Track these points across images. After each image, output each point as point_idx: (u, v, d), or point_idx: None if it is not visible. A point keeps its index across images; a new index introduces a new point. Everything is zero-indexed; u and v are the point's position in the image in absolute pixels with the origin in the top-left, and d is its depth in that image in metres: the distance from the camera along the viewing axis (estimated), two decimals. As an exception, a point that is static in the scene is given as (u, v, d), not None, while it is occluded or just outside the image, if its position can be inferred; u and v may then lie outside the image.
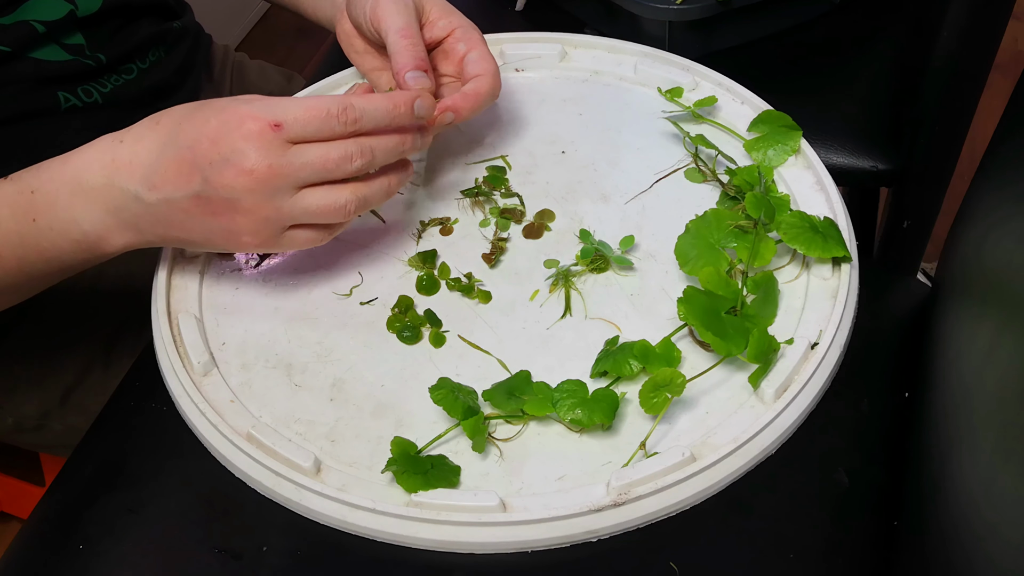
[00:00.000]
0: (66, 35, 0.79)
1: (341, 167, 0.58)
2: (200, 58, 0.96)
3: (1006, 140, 0.66)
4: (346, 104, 0.57)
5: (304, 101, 0.57)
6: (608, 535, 0.55)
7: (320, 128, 0.57)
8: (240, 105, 0.57)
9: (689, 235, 0.65)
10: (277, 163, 0.56)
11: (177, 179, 0.57)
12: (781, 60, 0.94)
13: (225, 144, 0.56)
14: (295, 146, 0.57)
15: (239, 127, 0.56)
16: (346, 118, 0.57)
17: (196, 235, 0.60)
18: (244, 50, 1.07)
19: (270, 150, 0.56)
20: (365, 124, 0.58)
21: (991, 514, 0.45)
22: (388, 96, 0.60)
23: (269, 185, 0.56)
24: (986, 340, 0.54)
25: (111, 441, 0.65)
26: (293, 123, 0.56)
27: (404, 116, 0.60)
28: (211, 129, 0.56)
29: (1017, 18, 0.96)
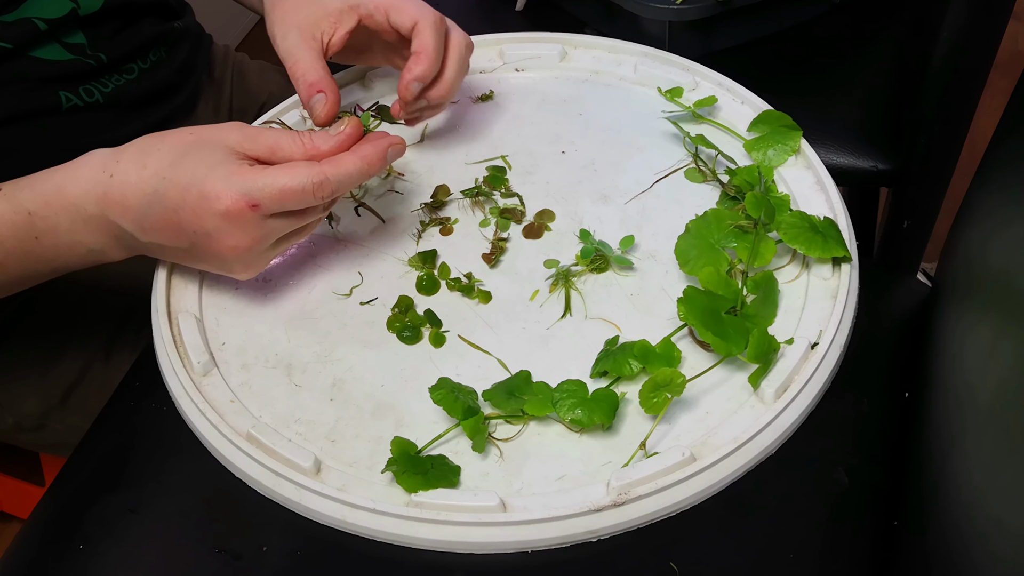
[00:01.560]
0: (67, 34, 0.79)
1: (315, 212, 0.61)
2: (201, 58, 0.96)
3: (1006, 140, 0.66)
4: (322, 179, 0.58)
5: (280, 178, 0.57)
6: (608, 535, 0.55)
7: (297, 204, 0.58)
8: (216, 180, 0.57)
9: (689, 235, 0.65)
10: (258, 235, 0.59)
11: (165, 234, 0.60)
12: (781, 60, 0.94)
13: (207, 220, 0.58)
14: (274, 217, 0.59)
15: (218, 204, 0.57)
16: (322, 193, 0.58)
17: (192, 266, 0.64)
18: (244, 50, 1.07)
19: (249, 227, 0.58)
20: (341, 193, 0.60)
21: (991, 514, 0.45)
22: (360, 158, 0.60)
23: (251, 252, 0.60)
24: (986, 340, 0.54)
25: (111, 441, 0.65)
26: (270, 203, 0.57)
27: (377, 170, 0.61)
28: (192, 201, 0.57)
29: (1017, 18, 0.96)
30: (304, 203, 0.58)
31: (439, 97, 0.70)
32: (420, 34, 0.68)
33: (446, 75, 0.70)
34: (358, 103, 0.79)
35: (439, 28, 0.68)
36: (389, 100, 0.80)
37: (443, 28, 0.69)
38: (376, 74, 0.81)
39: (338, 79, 0.81)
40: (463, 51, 0.71)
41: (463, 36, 0.71)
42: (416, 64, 0.68)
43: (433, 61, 0.68)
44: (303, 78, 0.68)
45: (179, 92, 0.91)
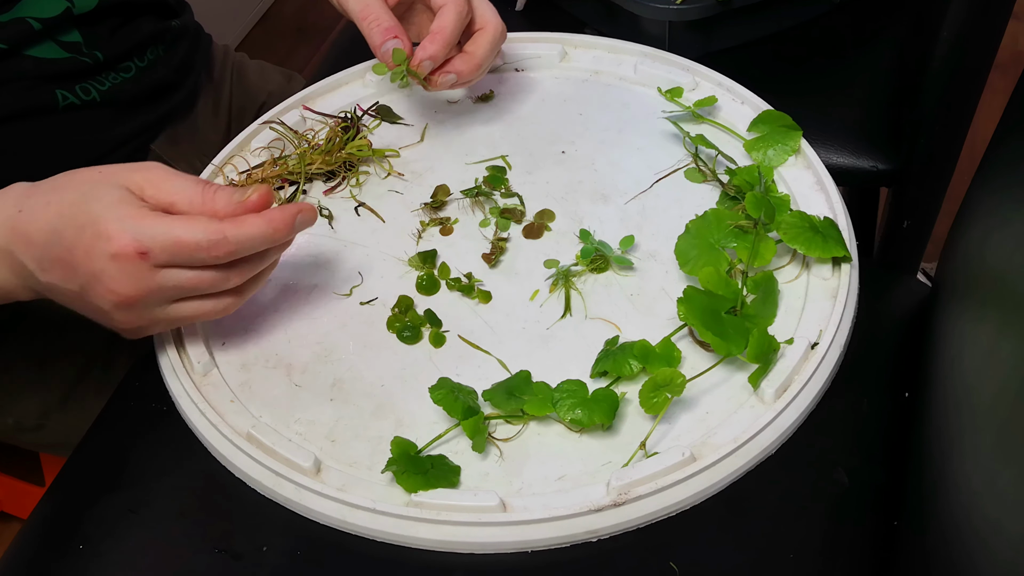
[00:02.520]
0: (63, 32, 0.79)
1: (217, 287, 0.57)
2: (199, 57, 0.96)
3: (1006, 140, 0.66)
4: (219, 238, 0.54)
5: (175, 228, 0.54)
6: (608, 535, 0.55)
7: (189, 260, 0.55)
8: (111, 220, 0.54)
9: (689, 235, 0.65)
10: (144, 287, 0.55)
11: (60, 274, 0.57)
12: (781, 60, 0.94)
13: (96, 261, 0.55)
14: (165, 270, 0.55)
15: (107, 247, 0.54)
16: (218, 252, 0.55)
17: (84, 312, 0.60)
18: (244, 50, 1.07)
19: (137, 276, 0.55)
20: (241, 254, 0.56)
21: (991, 514, 0.45)
22: (266, 221, 0.56)
23: (137, 305, 0.56)
24: (986, 340, 0.54)
25: (111, 441, 0.65)
26: (160, 253, 0.54)
27: (284, 236, 0.57)
28: (86, 241, 0.55)
29: (1017, 18, 0.96)
30: (197, 259, 0.55)
31: (468, 73, 0.71)
32: (442, 15, 0.69)
33: (476, 54, 0.71)
34: (358, 103, 0.79)
35: (461, 12, 0.69)
36: (389, 100, 0.81)
37: (465, 12, 0.70)
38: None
39: (338, 79, 0.81)
40: (497, 34, 0.72)
41: (498, 21, 0.72)
42: (431, 43, 0.68)
43: (447, 42, 0.69)
44: (377, 24, 0.68)
45: (178, 91, 0.91)
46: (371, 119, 0.79)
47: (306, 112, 0.78)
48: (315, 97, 0.80)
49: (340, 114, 0.78)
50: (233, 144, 0.76)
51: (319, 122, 0.78)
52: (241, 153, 0.76)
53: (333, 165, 0.74)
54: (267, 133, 0.77)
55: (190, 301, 0.58)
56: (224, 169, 0.75)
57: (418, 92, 0.81)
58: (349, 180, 0.75)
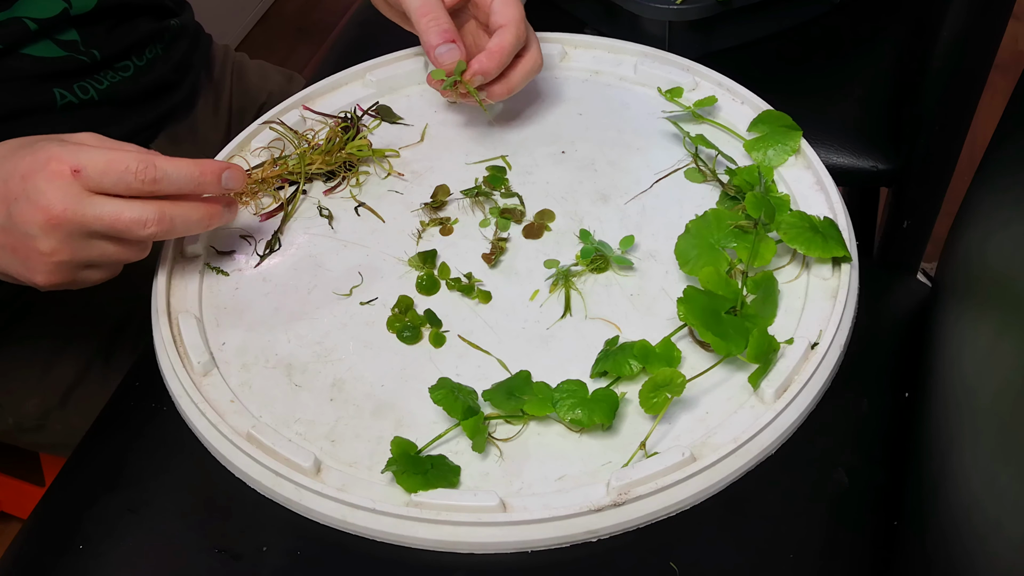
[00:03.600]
0: (60, 31, 0.79)
1: (132, 229, 0.58)
2: (199, 57, 0.96)
3: (1006, 140, 0.66)
4: (148, 163, 0.57)
5: (109, 153, 0.57)
6: (608, 535, 0.55)
7: (117, 181, 0.57)
8: (52, 145, 0.57)
9: (689, 235, 0.65)
10: (71, 207, 0.57)
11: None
12: (781, 60, 0.94)
13: (31, 182, 0.57)
14: (94, 196, 0.57)
15: (45, 167, 0.57)
16: (144, 176, 0.57)
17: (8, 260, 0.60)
18: (244, 50, 1.07)
19: (67, 194, 0.57)
20: (164, 187, 0.58)
21: (991, 514, 0.45)
22: (196, 163, 0.60)
23: (61, 228, 0.57)
24: (986, 340, 0.54)
25: (111, 441, 0.65)
26: (92, 172, 0.57)
27: (209, 185, 0.60)
28: (24, 166, 0.57)
29: (1017, 18, 0.96)
30: (126, 181, 0.57)
31: (498, 95, 0.71)
32: (502, 35, 0.69)
33: (512, 78, 0.71)
34: (358, 103, 0.79)
35: (520, 37, 0.70)
36: (389, 100, 0.81)
37: (522, 38, 0.70)
38: (376, 74, 0.81)
39: (338, 79, 0.81)
40: (535, 65, 0.72)
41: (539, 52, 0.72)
42: (488, 60, 0.69)
43: (501, 63, 0.69)
44: (436, 24, 0.68)
45: (177, 90, 0.91)
46: (371, 119, 0.79)
47: (306, 112, 0.78)
48: (315, 97, 0.80)
49: (340, 114, 0.78)
50: (233, 144, 0.76)
51: (319, 122, 0.78)
52: (241, 153, 0.77)
53: (333, 165, 0.74)
54: (267, 133, 0.77)
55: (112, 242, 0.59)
56: (224, 169, 0.75)
57: (418, 92, 0.81)
58: (349, 180, 0.75)
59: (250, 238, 0.71)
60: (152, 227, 0.59)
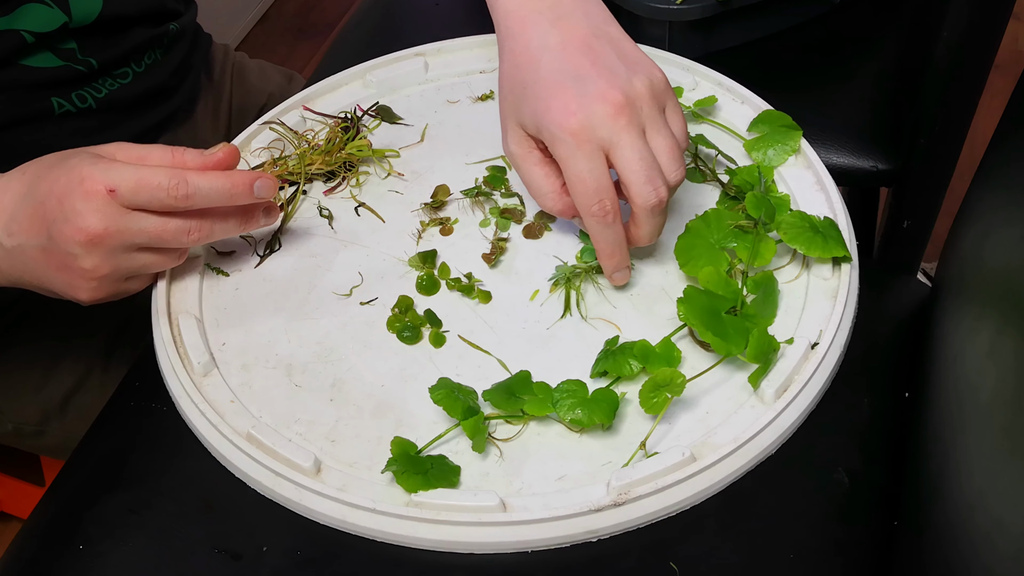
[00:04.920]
0: (59, 41, 0.79)
1: (178, 240, 0.60)
2: (198, 58, 0.95)
3: (1006, 140, 0.66)
4: (179, 179, 0.58)
5: (141, 170, 0.58)
6: (608, 535, 0.55)
7: (150, 199, 0.58)
8: (85, 164, 0.58)
9: (689, 235, 0.65)
10: (113, 225, 0.58)
11: (29, 229, 0.59)
12: (781, 60, 0.94)
13: (68, 203, 0.58)
14: (135, 212, 0.58)
15: (80, 187, 0.57)
16: (177, 193, 0.58)
17: (44, 282, 0.62)
18: (244, 50, 1.07)
19: (106, 213, 0.57)
20: (197, 202, 0.59)
21: (991, 514, 0.45)
22: (227, 176, 0.60)
23: (104, 245, 0.58)
24: (986, 340, 0.54)
25: (111, 441, 0.65)
26: (127, 191, 0.57)
27: (242, 196, 0.61)
28: (60, 187, 0.58)
29: (1017, 18, 0.96)
30: (159, 198, 0.58)
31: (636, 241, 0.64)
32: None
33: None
34: (358, 103, 0.79)
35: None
36: (389, 100, 0.81)
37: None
38: (376, 74, 0.81)
39: (338, 79, 0.81)
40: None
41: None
42: (636, 230, 0.63)
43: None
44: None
45: (176, 94, 0.91)
46: (371, 119, 0.79)
47: (306, 112, 0.78)
48: (315, 97, 0.80)
49: (340, 114, 0.78)
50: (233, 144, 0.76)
51: (319, 122, 0.78)
52: (241, 153, 0.76)
53: (333, 165, 0.74)
54: (267, 133, 0.77)
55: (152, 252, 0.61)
56: (224, 169, 0.75)
57: (418, 92, 0.81)
58: (349, 180, 0.75)
59: (250, 238, 0.71)
60: (195, 234, 0.60)
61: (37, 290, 0.64)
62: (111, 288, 0.62)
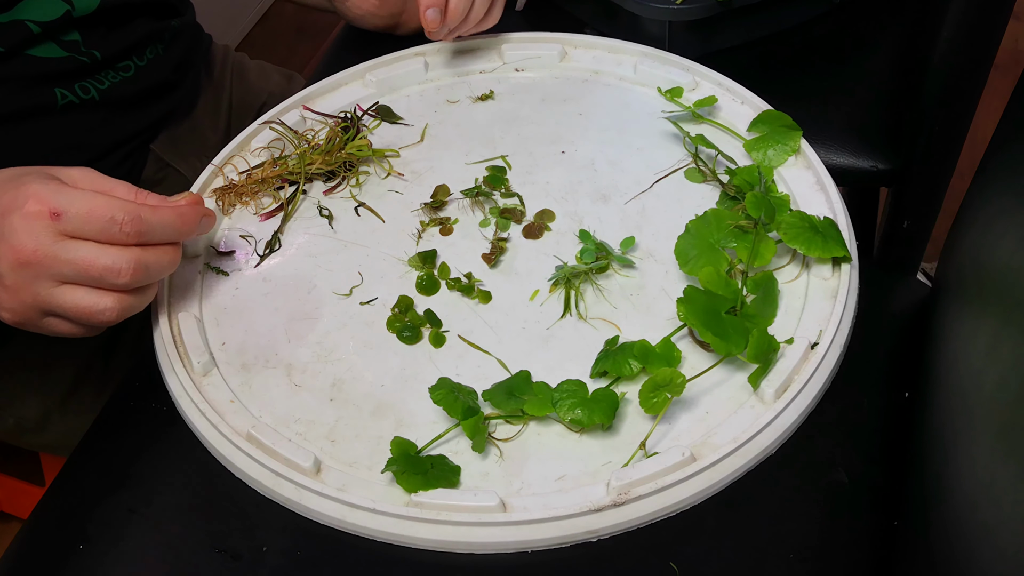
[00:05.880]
0: (63, 32, 0.79)
1: (106, 279, 0.56)
2: (199, 57, 0.96)
3: (1006, 141, 0.66)
4: (134, 215, 0.56)
5: (96, 199, 0.56)
6: (608, 535, 0.55)
7: (100, 231, 0.56)
8: (38, 184, 0.56)
9: (689, 235, 0.65)
10: (42, 250, 0.55)
11: None
12: (781, 60, 0.94)
13: (7, 220, 0.56)
14: (69, 240, 0.56)
15: (23, 206, 0.55)
16: (130, 229, 0.56)
17: None
18: (244, 50, 1.07)
19: (40, 235, 0.55)
20: (148, 238, 0.57)
21: (991, 514, 0.45)
22: (177, 213, 0.59)
23: (29, 269, 0.56)
24: (986, 340, 0.54)
25: (111, 441, 0.65)
26: (73, 217, 0.55)
27: (188, 233, 0.59)
28: (4, 202, 0.56)
29: (1017, 18, 0.96)
30: (109, 231, 0.56)
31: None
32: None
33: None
34: (358, 103, 0.79)
35: None
36: (389, 100, 0.81)
37: None
38: (376, 74, 0.81)
39: (338, 79, 0.81)
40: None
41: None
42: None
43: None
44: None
45: (176, 90, 0.91)
46: (371, 119, 0.79)
47: (306, 112, 0.78)
48: (315, 97, 0.80)
49: (340, 114, 0.78)
50: (233, 144, 0.76)
51: (319, 122, 0.78)
52: (241, 153, 0.77)
53: (333, 165, 0.74)
54: (267, 133, 0.77)
55: (76, 288, 0.57)
56: (224, 169, 0.75)
57: (418, 92, 0.81)
58: (349, 180, 0.75)
59: (250, 238, 0.71)
60: (126, 276, 0.57)
61: None
62: (31, 316, 0.58)
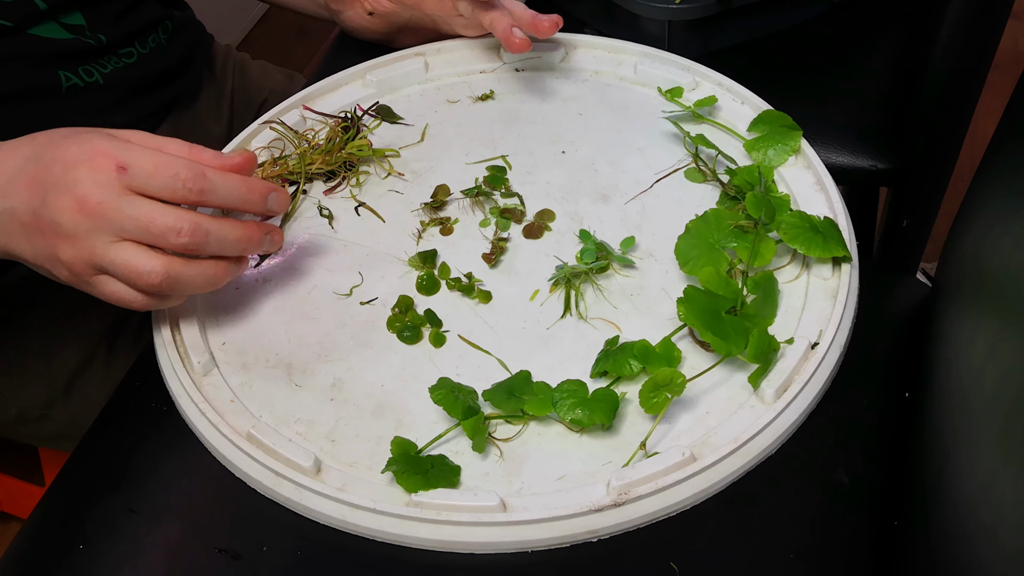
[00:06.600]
0: (66, 14, 0.80)
1: (165, 236, 0.56)
2: (201, 53, 0.97)
3: (1006, 140, 0.66)
4: (198, 172, 0.56)
5: (161, 155, 0.56)
6: (608, 535, 0.55)
7: (164, 185, 0.56)
8: (102, 139, 0.56)
9: (689, 235, 0.65)
10: (106, 202, 0.55)
11: (25, 192, 0.57)
12: (781, 60, 0.94)
13: (72, 171, 0.56)
14: (132, 195, 0.56)
15: (90, 159, 0.56)
16: (193, 185, 0.56)
17: (27, 250, 0.59)
18: (244, 50, 1.07)
19: (105, 188, 0.55)
20: (210, 199, 0.57)
21: (991, 514, 0.45)
22: (243, 179, 0.59)
23: (91, 220, 0.55)
24: (986, 340, 0.54)
25: (111, 441, 0.65)
26: (139, 171, 0.55)
27: (255, 204, 0.59)
28: (70, 155, 0.56)
29: (1017, 18, 0.96)
30: (173, 187, 0.56)
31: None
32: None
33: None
34: (358, 103, 0.79)
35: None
36: (389, 100, 0.81)
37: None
38: (376, 74, 0.81)
39: (338, 79, 0.81)
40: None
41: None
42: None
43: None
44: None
45: (180, 80, 0.92)
46: (371, 119, 0.79)
47: (306, 112, 0.78)
48: (315, 97, 0.80)
49: (340, 114, 0.78)
50: (233, 144, 0.76)
51: (319, 122, 0.78)
52: (241, 153, 0.76)
53: (333, 165, 0.74)
54: (267, 133, 0.77)
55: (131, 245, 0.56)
56: (224, 169, 0.75)
57: (418, 92, 0.81)
58: (349, 180, 0.75)
59: (250, 238, 0.71)
60: (185, 237, 0.56)
61: (14, 257, 0.61)
62: (84, 271, 0.58)
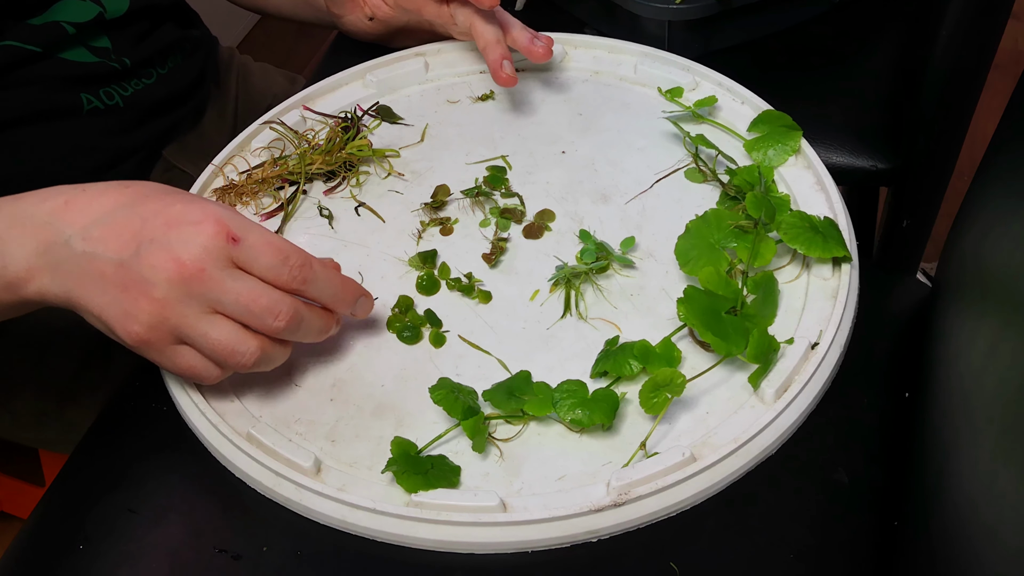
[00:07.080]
0: (93, 38, 0.81)
1: (263, 318, 0.55)
2: (210, 66, 0.97)
3: (1006, 141, 0.66)
4: (307, 261, 0.56)
5: (270, 234, 0.56)
6: (608, 535, 0.55)
7: (271, 266, 0.55)
8: (212, 204, 0.56)
9: (689, 235, 0.65)
10: (210, 271, 0.54)
11: (113, 240, 0.55)
12: (781, 60, 0.94)
13: (177, 230, 0.54)
14: (236, 269, 0.55)
15: (199, 223, 0.54)
16: (298, 273, 0.56)
17: (96, 302, 0.56)
18: (244, 50, 1.07)
19: (212, 255, 0.54)
20: (308, 290, 0.57)
21: (991, 514, 0.45)
22: (342, 278, 0.59)
23: (187, 286, 0.54)
24: (986, 340, 0.54)
25: (111, 441, 0.65)
26: (249, 247, 0.54)
27: (345, 304, 0.59)
28: (173, 212, 0.55)
29: (1017, 18, 0.96)
30: (278, 269, 0.55)
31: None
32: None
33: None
34: (358, 103, 0.79)
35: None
36: (389, 100, 0.81)
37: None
38: (376, 74, 0.81)
39: (338, 79, 0.81)
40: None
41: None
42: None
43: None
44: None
45: (191, 99, 0.92)
46: (371, 119, 0.79)
47: (306, 112, 0.78)
48: (315, 97, 0.80)
49: (340, 114, 0.78)
50: (233, 144, 0.76)
51: (319, 122, 0.78)
52: (241, 153, 0.77)
53: (333, 165, 0.74)
54: (267, 133, 0.77)
55: (226, 321, 0.55)
56: (224, 169, 0.75)
57: (418, 92, 0.81)
58: (349, 180, 0.75)
59: (250, 238, 0.71)
60: (283, 321, 0.55)
61: (77, 308, 0.57)
62: (161, 338, 0.55)
